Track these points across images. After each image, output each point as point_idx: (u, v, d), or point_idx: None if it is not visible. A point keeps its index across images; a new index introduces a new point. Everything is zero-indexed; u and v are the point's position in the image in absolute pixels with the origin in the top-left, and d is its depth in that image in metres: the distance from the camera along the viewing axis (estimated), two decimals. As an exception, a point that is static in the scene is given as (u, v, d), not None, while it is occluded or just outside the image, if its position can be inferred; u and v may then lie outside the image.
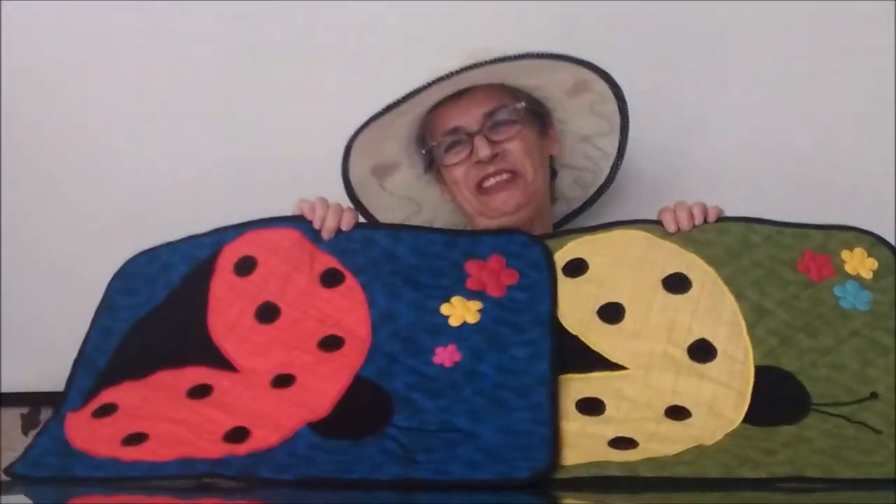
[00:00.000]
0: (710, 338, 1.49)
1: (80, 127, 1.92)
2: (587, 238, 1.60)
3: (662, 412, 1.42)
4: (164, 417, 1.41)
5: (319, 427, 1.37)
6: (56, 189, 1.92)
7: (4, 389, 1.79)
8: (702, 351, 1.48)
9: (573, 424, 1.40)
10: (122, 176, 1.92)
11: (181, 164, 1.92)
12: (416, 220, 1.83)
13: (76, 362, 1.54)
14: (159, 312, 1.56)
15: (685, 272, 1.54)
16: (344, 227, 1.59)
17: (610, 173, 1.81)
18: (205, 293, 1.55)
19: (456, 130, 1.67)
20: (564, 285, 1.55)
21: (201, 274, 1.57)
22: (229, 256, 1.57)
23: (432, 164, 1.75)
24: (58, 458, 1.39)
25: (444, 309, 1.50)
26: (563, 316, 1.52)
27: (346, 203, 1.67)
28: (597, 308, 1.52)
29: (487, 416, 1.38)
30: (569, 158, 1.80)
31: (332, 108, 1.86)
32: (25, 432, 1.74)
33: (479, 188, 1.68)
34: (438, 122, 1.69)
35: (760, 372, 1.46)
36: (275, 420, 1.38)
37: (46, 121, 1.92)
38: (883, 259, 1.59)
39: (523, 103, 1.68)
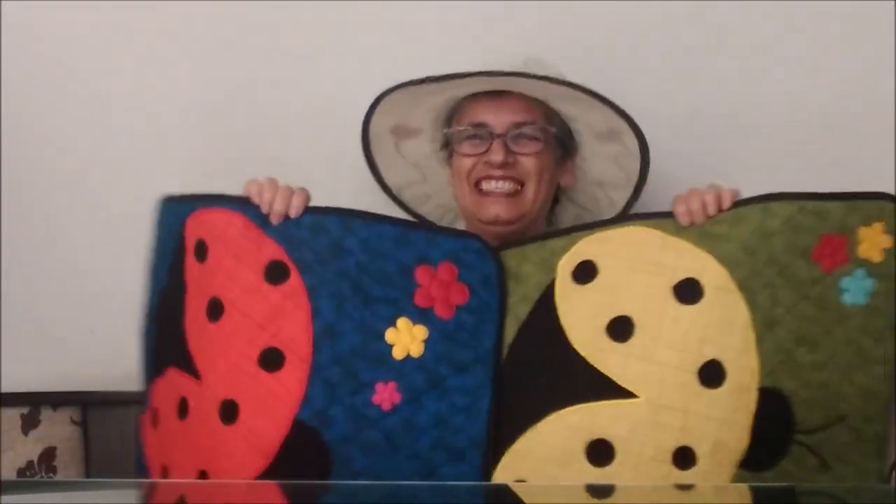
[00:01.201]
0: (720, 357, 1.44)
1: (80, 127, 1.91)
2: (597, 236, 1.53)
3: (671, 458, 1.41)
4: (170, 453, 1.49)
5: None
6: (56, 189, 1.91)
7: (4, 389, 1.78)
8: (712, 374, 1.44)
9: (582, 477, 1.40)
10: (122, 176, 1.92)
11: (182, 164, 1.92)
12: (417, 190, 1.81)
13: (141, 354, 1.59)
14: (166, 295, 1.56)
15: (697, 277, 1.47)
16: (292, 214, 1.52)
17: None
18: (182, 278, 1.54)
19: (481, 125, 1.66)
20: (573, 294, 1.50)
21: (179, 252, 1.55)
22: (191, 234, 1.54)
23: (448, 145, 1.73)
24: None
25: (390, 335, 1.47)
26: (572, 330, 1.48)
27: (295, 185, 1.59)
28: (606, 323, 1.47)
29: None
30: (576, 195, 1.78)
31: (333, 107, 1.86)
32: (25, 432, 1.74)
33: (478, 187, 1.66)
34: (470, 110, 1.68)
35: (763, 396, 1.44)
36: (229, 473, 1.44)
37: (47, 120, 1.91)
38: None
39: (554, 129, 1.67)
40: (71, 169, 1.90)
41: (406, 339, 1.47)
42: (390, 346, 1.47)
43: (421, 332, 1.47)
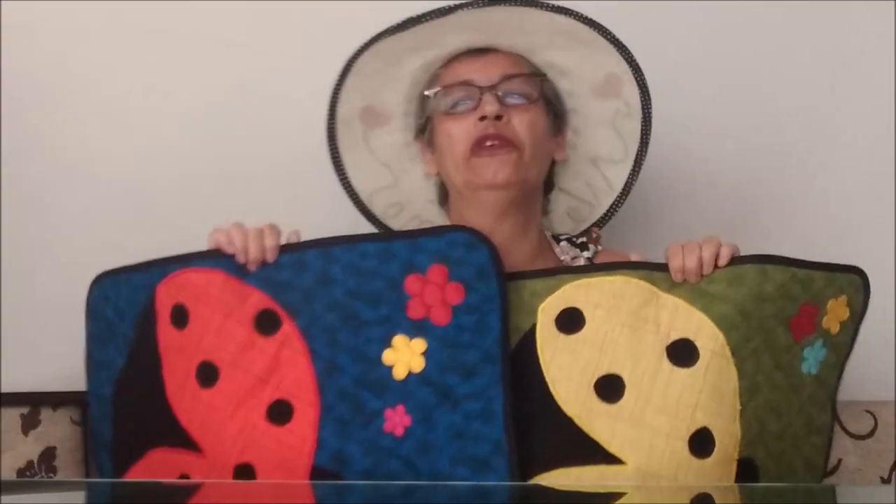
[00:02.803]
0: (711, 426, 1.37)
1: (80, 127, 1.90)
2: (584, 282, 1.42)
3: None
4: None
5: None
6: (56, 189, 1.91)
7: (4, 389, 1.78)
8: (702, 442, 1.37)
9: None
10: (122, 176, 1.92)
11: (182, 165, 1.91)
12: (388, 197, 1.66)
13: (93, 443, 1.51)
14: (128, 373, 1.49)
15: (692, 339, 1.39)
16: (269, 258, 1.43)
17: (608, 211, 1.65)
18: (155, 348, 1.46)
19: (466, 84, 1.52)
20: (557, 344, 1.40)
21: (146, 323, 1.47)
22: (164, 302, 1.46)
23: (425, 129, 1.58)
24: None
25: (387, 356, 1.39)
26: (556, 384, 1.39)
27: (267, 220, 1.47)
28: (594, 380, 1.38)
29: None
30: (569, 182, 1.65)
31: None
32: (25, 432, 1.74)
33: (474, 148, 1.50)
34: (450, 74, 1.54)
35: (740, 466, 1.38)
36: None
37: (46, 121, 1.90)
38: (854, 308, 1.48)
39: (546, 75, 1.54)
40: (71, 169, 1.89)
41: (405, 356, 1.40)
42: (389, 368, 1.39)
43: (419, 345, 1.40)
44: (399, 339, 1.40)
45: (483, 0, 1.47)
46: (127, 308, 1.49)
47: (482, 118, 1.49)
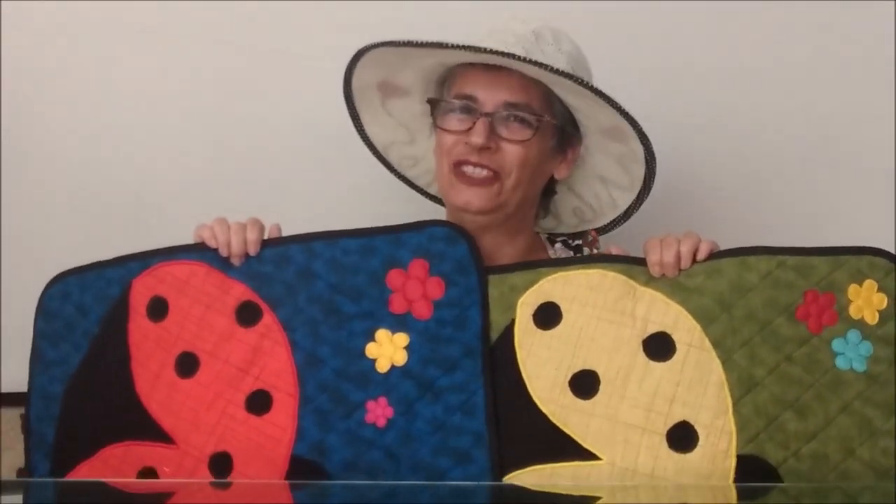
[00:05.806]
0: (692, 419, 1.35)
1: (80, 126, 1.91)
2: (561, 275, 1.43)
3: None
4: None
5: None
6: (56, 189, 1.92)
7: (4, 389, 1.78)
8: (682, 437, 1.35)
9: None
10: (122, 176, 1.92)
11: (182, 164, 1.91)
12: (404, 151, 1.67)
13: (27, 439, 1.52)
14: (87, 369, 1.50)
15: (669, 332, 1.38)
16: (251, 251, 1.47)
17: (610, 224, 1.65)
18: (124, 342, 1.48)
19: (469, 98, 1.50)
20: (534, 339, 1.41)
21: (117, 318, 1.49)
22: (140, 296, 1.49)
23: (433, 113, 1.59)
24: None
25: (370, 350, 1.43)
26: (532, 381, 1.39)
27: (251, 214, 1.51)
28: (569, 376, 1.38)
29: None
30: (578, 186, 1.63)
31: (330, 107, 1.86)
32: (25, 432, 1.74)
33: (456, 168, 1.51)
34: (461, 79, 1.52)
35: (742, 463, 1.33)
36: None
37: (46, 120, 1.91)
38: (891, 293, 1.38)
39: (548, 118, 1.50)
40: (71, 169, 1.90)
41: (388, 349, 1.43)
42: (372, 361, 1.42)
43: (402, 339, 1.43)
44: (382, 334, 1.43)
45: (476, 47, 1.45)
46: (94, 303, 1.51)
47: (468, 143, 1.49)
